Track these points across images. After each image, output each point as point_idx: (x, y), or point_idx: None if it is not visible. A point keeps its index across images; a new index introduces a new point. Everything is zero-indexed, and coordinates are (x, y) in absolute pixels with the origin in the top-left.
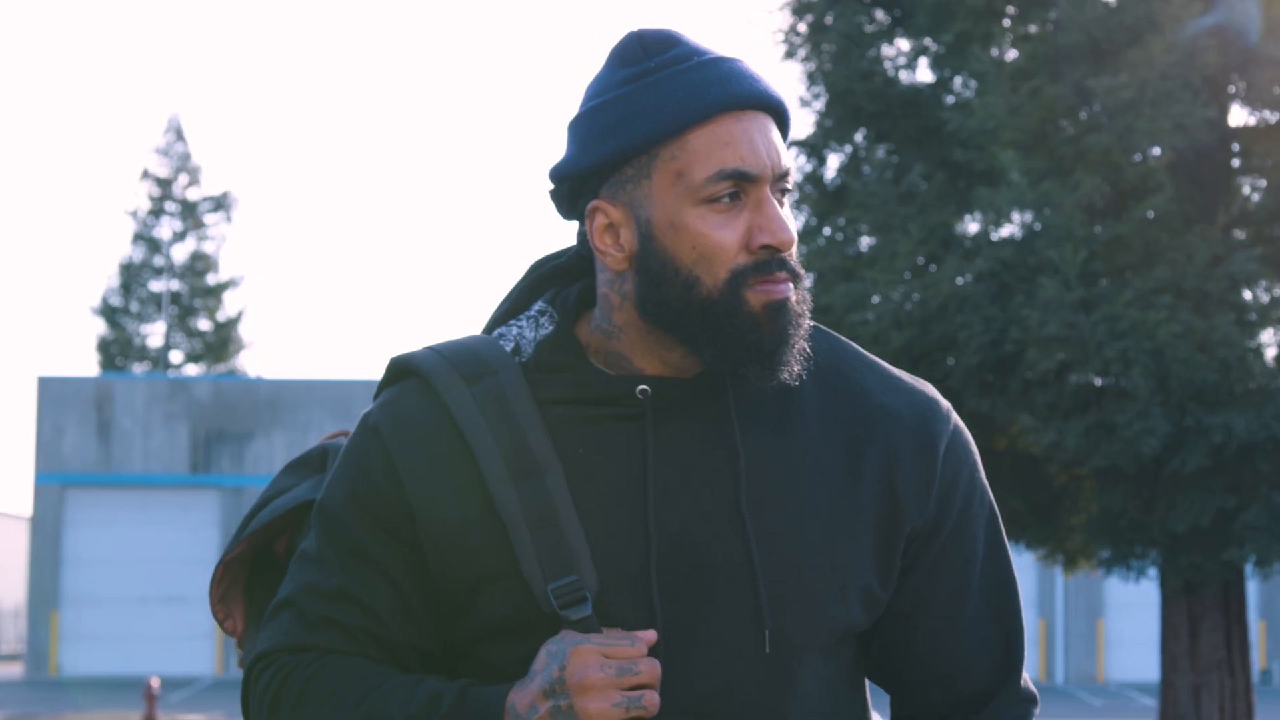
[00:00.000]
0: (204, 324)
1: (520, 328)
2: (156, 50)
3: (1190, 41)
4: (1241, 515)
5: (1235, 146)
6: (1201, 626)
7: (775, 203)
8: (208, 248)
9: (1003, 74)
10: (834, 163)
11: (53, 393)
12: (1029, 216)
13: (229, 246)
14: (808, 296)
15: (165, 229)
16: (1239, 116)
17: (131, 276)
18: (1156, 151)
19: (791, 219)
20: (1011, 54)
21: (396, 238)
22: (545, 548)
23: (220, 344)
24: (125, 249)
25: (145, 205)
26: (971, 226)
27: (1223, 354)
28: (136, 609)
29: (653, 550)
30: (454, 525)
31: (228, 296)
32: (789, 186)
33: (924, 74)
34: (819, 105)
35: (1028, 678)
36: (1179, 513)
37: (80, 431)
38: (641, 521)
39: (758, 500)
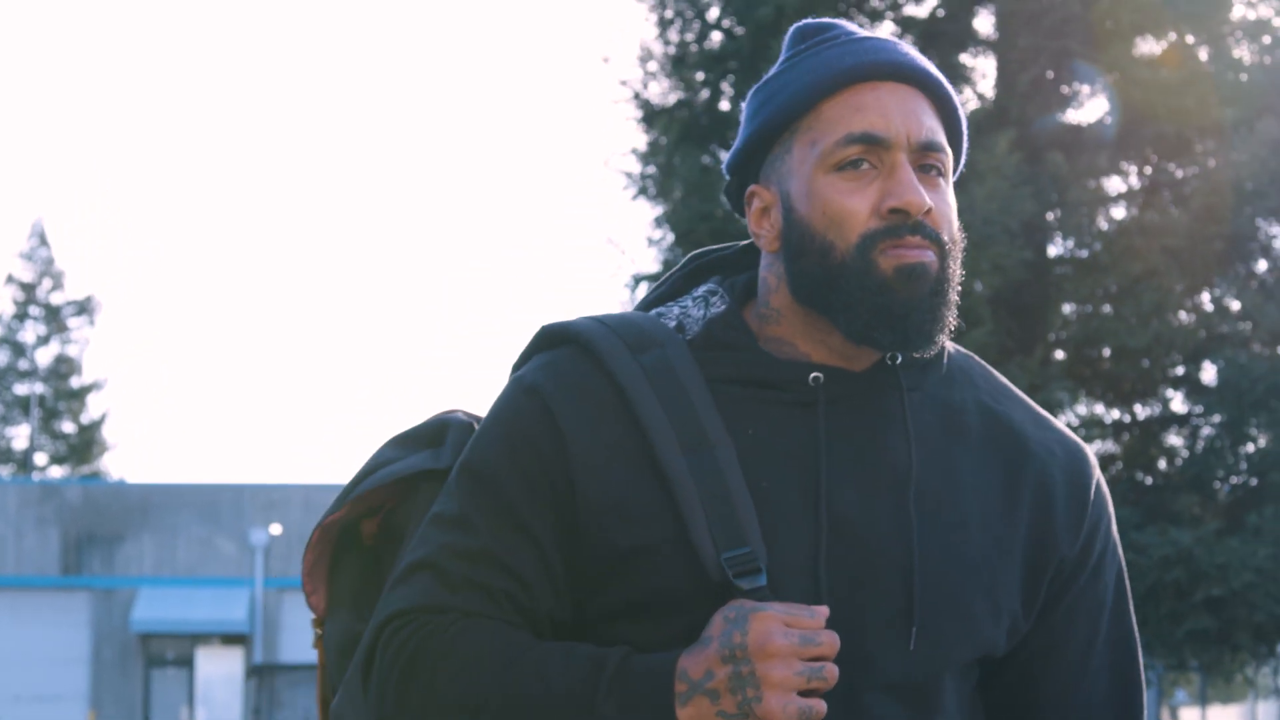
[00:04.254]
0: (68, 426)
1: (685, 307)
2: (20, 157)
3: (1008, 190)
4: None
5: (1054, 273)
6: None
7: (909, 169)
8: (71, 351)
9: None
10: None
11: None
12: None
13: (92, 350)
14: (957, 270)
15: (29, 333)
16: (1056, 248)
17: None
18: (979, 287)
19: (948, 194)
20: None
21: (255, 342)
22: (717, 519)
23: (84, 446)
24: None
25: (9, 309)
26: None
27: None
28: (10, 707)
29: (823, 536)
30: (617, 491)
31: (91, 399)
32: (938, 163)
33: None
34: (667, 243)
35: None
36: None
37: None
38: (811, 506)
39: (924, 505)
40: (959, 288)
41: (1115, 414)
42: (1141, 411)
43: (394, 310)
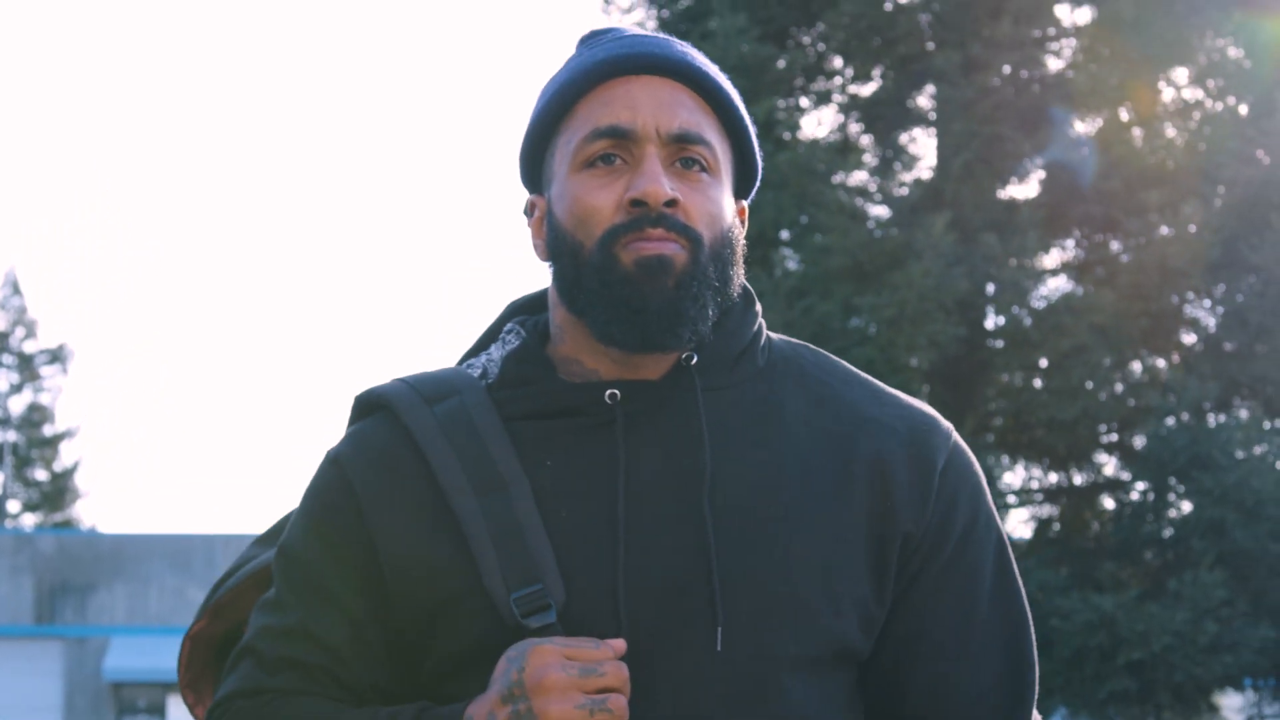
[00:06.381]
0: (40, 474)
1: (488, 353)
2: None
3: (944, 268)
4: None
5: (988, 347)
6: None
7: (655, 160)
8: (44, 399)
9: (780, 292)
10: None
11: None
12: None
13: (64, 398)
14: (723, 266)
15: (2, 381)
16: (990, 324)
17: None
18: (915, 361)
19: (709, 188)
20: (792, 264)
21: (227, 392)
22: (508, 559)
23: (56, 494)
24: None
25: None
26: None
27: None
28: None
29: (620, 558)
30: (416, 547)
31: (64, 447)
32: (700, 157)
33: None
34: None
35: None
36: None
37: None
38: (611, 530)
39: (732, 505)
40: (723, 283)
41: (1054, 477)
42: (1078, 477)
43: (366, 360)
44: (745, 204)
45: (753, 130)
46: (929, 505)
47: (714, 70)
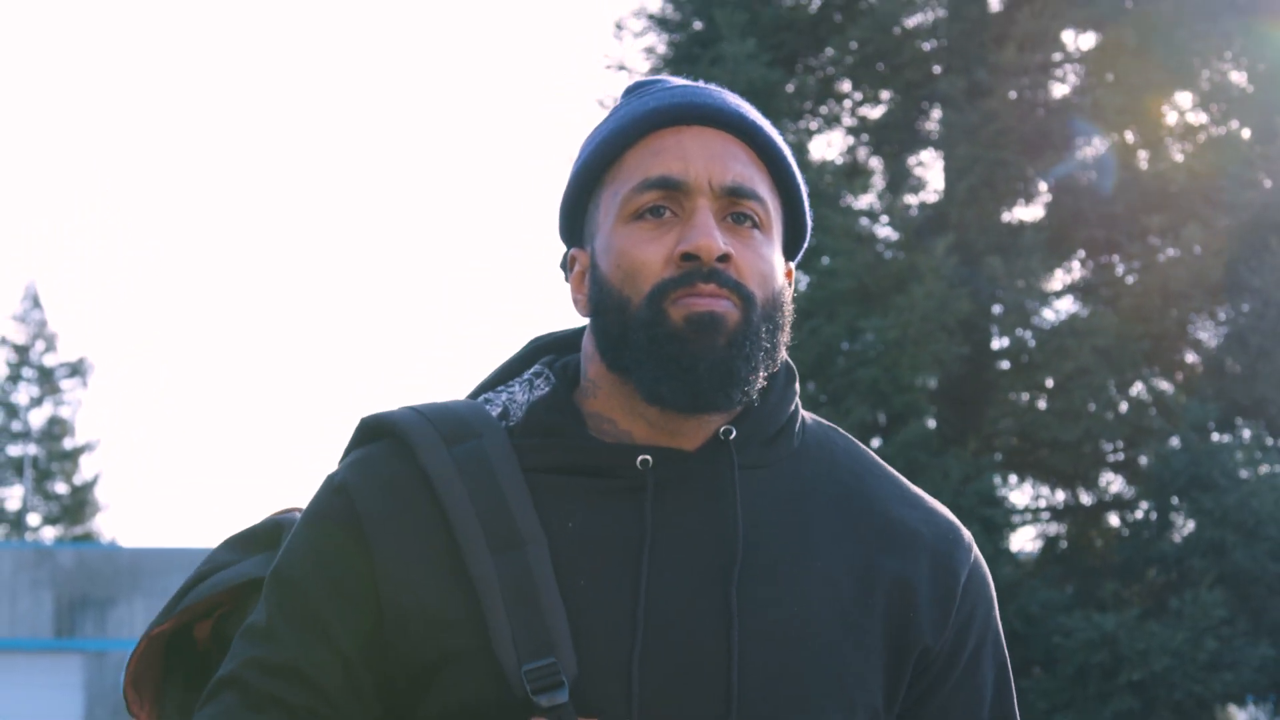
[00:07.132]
0: (61, 487)
1: (511, 392)
2: (13, 220)
3: (946, 290)
4: None
5: (993, 369)
6: None
7: (708, 213)
8: (64, 413)
9: None
10: None
11: None
12: None
13: (85, 412)
14: (773, 327)
15: (23, 394)
16: (995, 345)
17: None
18: (919, 381)
19: (760, 245)
20: (799, 285)
21: (246, 406)
22: (522, 626)
23: (77, 506)
24: None
25: (3, 371)
26: None
27: None
28: None
29: (638, 639)
30: (423, 596)
31: (84, 460)
32: (752, 212)
33: None
34: None
35: None
36: None
37: None
38: (630, 605)
39: (757, 597)
40: (773, 346)
41: (1060, 496)
42: (1084, 496)
43: (384, 375)
44: (793, 265)
45: (804, 188)
46: (949, 621)
47: (767, 124)
